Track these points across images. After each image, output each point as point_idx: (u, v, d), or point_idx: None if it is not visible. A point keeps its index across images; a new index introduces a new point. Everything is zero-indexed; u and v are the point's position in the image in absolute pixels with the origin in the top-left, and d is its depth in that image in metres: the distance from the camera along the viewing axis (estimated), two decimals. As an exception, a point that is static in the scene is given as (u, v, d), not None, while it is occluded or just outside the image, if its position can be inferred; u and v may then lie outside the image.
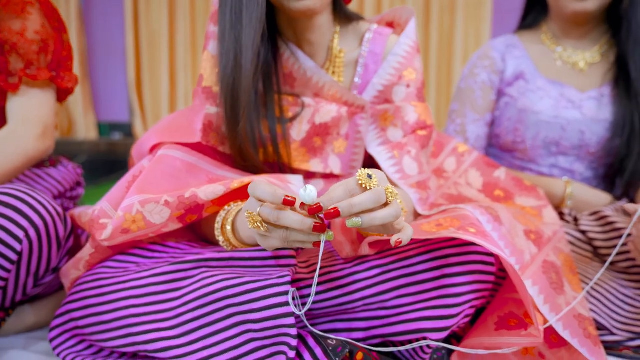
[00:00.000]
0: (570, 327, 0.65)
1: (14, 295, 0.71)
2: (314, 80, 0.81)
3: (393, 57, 0.82)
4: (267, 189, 0.49)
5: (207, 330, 0.60)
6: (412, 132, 0.81)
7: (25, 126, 0.79)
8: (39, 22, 0.86)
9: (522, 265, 0.69)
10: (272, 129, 0.78)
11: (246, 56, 0.71)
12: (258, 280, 0.59)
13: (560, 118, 1.01)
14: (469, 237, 0.60)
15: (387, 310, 0.65)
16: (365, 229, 0.57)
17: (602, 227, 0.87)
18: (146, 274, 0.64)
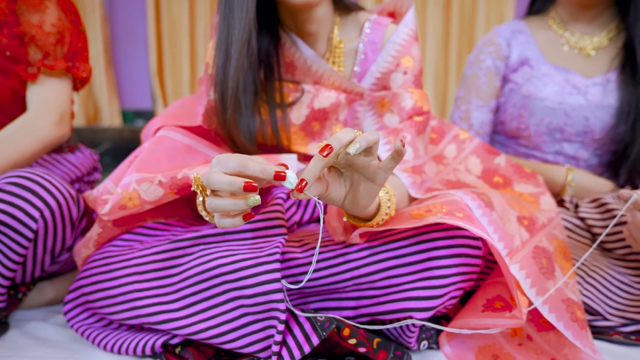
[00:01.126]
0: (557, 310, 0.67)
1: (32, 270, 0.77)
2: (313, 69, 0.83)
3: (391, 45, 0.83)
4: (258, 164, 0.49)
5: (205, 305, 0.65)
6: (408, 117, 0.83)
7: (42, 113, 0.83)
8: (56, 15, 0.91)
9: (511, 250, 0.71)
10: (272, 114, 0.81)
11: (235, 48, 0.73)
12: (250, 258, 0.63)
13: (565, 104, 1.01)
14: (455, 222, 0.62)
15: (376, 290, 0.68)
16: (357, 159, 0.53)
17: (601, 214, 0.87)
18: (148, 251, 0.69)
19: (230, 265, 0.63)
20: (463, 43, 2.90)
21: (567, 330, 0.65)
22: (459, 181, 0.91)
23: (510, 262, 0.68)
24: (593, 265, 0.84)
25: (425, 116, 0.84)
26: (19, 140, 0.79)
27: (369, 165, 0.53)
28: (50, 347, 0.71)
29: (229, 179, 0.47)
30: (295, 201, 0.79)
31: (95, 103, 3.43)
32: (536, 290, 0.67)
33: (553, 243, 0.78)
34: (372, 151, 0.52)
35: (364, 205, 0.57)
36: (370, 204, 0.58)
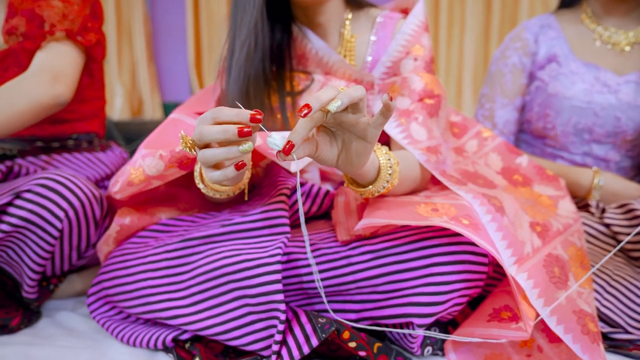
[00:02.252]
0: (566, 322, 0.65)
1: (61, 265, 0.82)
2: (324, 60, 0.86)
3: (401, 35, 0.86)
4: (232, 110, 0.49)
5: (212, 302, 0.67)
6: (419, 99, 0.82)
7: (36, 73, 0.84)
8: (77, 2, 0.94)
9: (520, 257, 0.69)
10: (282, 101, 0.84)
11: (243, 40, 0.78)
12: (253, 258, 0.65)
13: (594, 103, 0.96)
14: (458, 229, 0.62)
15: (379, 294, 0.68)
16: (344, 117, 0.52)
17: (628, 221, 0.84)
18: (161, 249, 0.73)
19: (234, 265, 0.66)
20: (504, 33, 2.79)
21: (576, 344, 0.63)
22: (476, 173, 0.88)
23: (517, 271, 0.67)
24: (616, 274, 0.81)
25: (437, 99, 0.83)
26: (6, 99, 0.79)
27: (358, 122, 0.52)
28: (75, 337, 0.76)
29: (222, 127, 0.48)
30: (304, 192, 0.80)
31: (139, 97, 3.57)
32: (544, 300, 0.65)
33: (569, 251, 0.75)
34: (358, 107, 0.51)
35: (358, 165, 0.56)
36: (364, 164, 0.57)
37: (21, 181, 0.76)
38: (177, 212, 0.81)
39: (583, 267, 0.75)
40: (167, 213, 0.80)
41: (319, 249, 0.71)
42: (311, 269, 0.69)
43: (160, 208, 0.80)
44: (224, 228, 0.71)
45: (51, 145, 1.01)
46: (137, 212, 0.79)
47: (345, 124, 0.53)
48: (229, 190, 0.66)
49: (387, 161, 0.65)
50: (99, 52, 0.98)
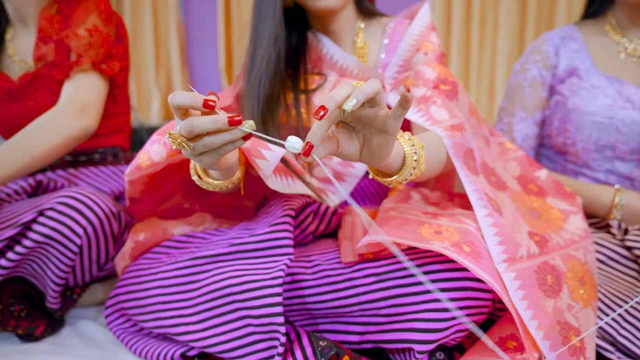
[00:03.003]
0: (547, 329, 0.62)
1: (82, 276, 0.87)
2: (339, 64, 0.92)
3: (409, 36, 0.91)
4: (185, 94, 0.48)
5: (218, 321, 0.70)
6: (434, 87, 0.84)
7: (64, 106, 0.90)
8: (92, 23, 0.99)
9: (512, 258, 0.67)
10: (296, 98, 0.89)
11: (263, 45, 0.84)
12: (256, 280, 0.67)
13: (616, 119, 0.93)
14: (457, 257, 0.61)
15: (381, 317, 0.68)
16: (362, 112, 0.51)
17: None
18: (172, 266, 0.75)
19: (239, 285, 0.67)
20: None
21: (552, 352, 0.61)
22: (493, 169, 0.85)
23: (506, 269, 0.65)
24: (637, 302, 0.77)
25: (452, 85, 0.85)
26: (39, 135, 0.85)
27: (377, 115, 0.51)
28: (93, 347, 0.80)
29: (213, 118, 0.48)
30: (312, 211, 0.81)
31: (173, 101, 3.68)
32: (527, 303, 0.63)
33: (569, 264, 0.73)
34: (375, 101, 0.50)
35: (381, 157, 0.55)
36: (388, 155, 0.56)
37: (45, 198, 0.81)
38: (190, 227, 0.84)
39: (582, 282, 0.72)
40: (179, 228, 0.83)
41: (322, 270, 0.72)
42: (315, 290, 0.70)
43: (172, 223, 0.83)
44: (231, 247, 0.73)
45: (79, 159, 1.07)
46: (150, 228, 0.82)
47: (364, 119, 0.51)
48: (222, 184, 0.66)
49: (412, 147, 0.63)
50: (122, 78, 1.03)
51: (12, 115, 1.05)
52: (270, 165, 0.65)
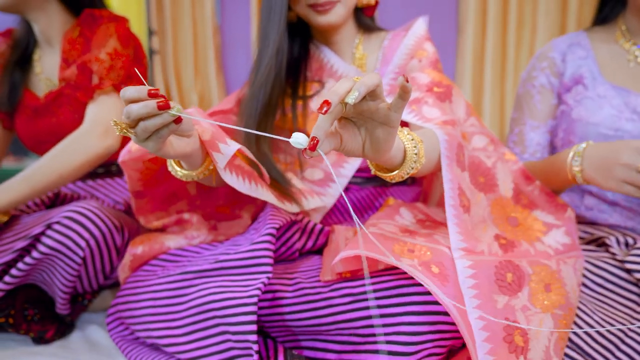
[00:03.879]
0: (490, 321, 0.62)
1: (89, 284, 0.93)
2: (339, 72, 0.98)
3: (404, 46, 0.97)
4: (133, 88, 0.52)
5: (201, 334, 0.73)
6: (427, 90, 0.87)
7: (89, 128, 0.96)
8: (113, 47, 1.05)
9: (470, 249, 0.68)
10: (294, 104, 0.95)
11: (264, 63, 0.88)
12: (234, 297, 0.69)
13: (622, 131, 0.88)
14: (421, 277, 0.61)
15: (358, 337, 0.69)
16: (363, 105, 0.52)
17: None
18: (163, 280, 0.79)
19: (220, 302, 0.70)
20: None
21: (487, 342, 0.60)
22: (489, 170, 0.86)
23: (462, 257, 0.66)
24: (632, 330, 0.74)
25: (446, 88, 0.88)
26: (67, 155, 0.92)
27: (378, 109, 0.52)
28: (96, 352, 0.85)
29: (143, 103, 0.51)
30: (299, 227, 0.83)
31: (209, 105, 3.79)
32: (476, 293, 0.63)
33: (536, 268, 0.72)
34: (376, 94, 0.51)
35: (383, 151, 0.56)
36: (390, 149, 0.57)
37: (56, 211, 0.87)
38: (186, 240, 0.88)
39: (548, 289, 0.71)
40: (175, 242, 0.87)
41: (302, 288, 0.73)
42: (294, 308, 0.72)
43: (169, 236, 0.87)
44: (216, 264, 0.76)
45: (97, 171, 1.14)
46: (148, 241, 0.86)
47: (366, 113, 0.53)
48: (192, 174, 0.69)
49: (411, 142, 0.64)
50: None
51: (37, 131, 1.13)
52: (224, 159, 0.67)
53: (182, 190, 0.90)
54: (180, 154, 0.61)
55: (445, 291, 0.61)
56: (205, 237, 0.89)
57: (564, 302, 0.71)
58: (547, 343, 0.64)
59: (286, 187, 0.83)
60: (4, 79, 1.13)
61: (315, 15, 0.91)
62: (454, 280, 0.64)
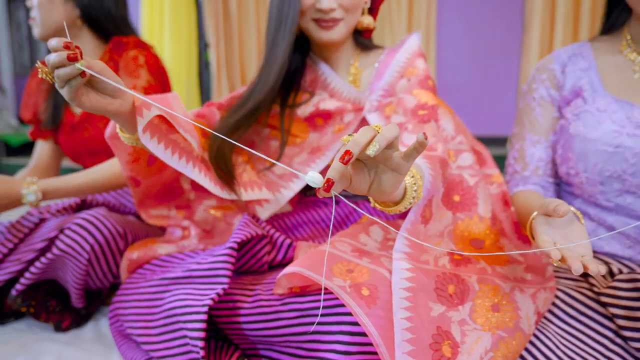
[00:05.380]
0: (419, 330, 0.62)
1: (101, 282, 1.04)
2: (331, 85, 1.02)
3: (395, 62, 1.00)
4: (55, 39, 0.59)
5: (169, 336, 0.80)
6: (411, 114, 0.91)
7: None
8: (146, 79, 1.18)
9: (411, 255, 0.70)
10: (282, 108, 1.01)
11: (274, 62, 0.95)
12: (192, 305, 0.76)
13: (623, 147, 0.81)
14: (346, 299, 0.64)
15: (303, 350, 0.72)
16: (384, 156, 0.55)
17: (632, 301, 0.70)
18: (147, 284, 0.88)
19: (182, 308, 0.77)
20: None
21: (407, 343, 0.60)
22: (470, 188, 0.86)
23: (400, 259, 0.69)
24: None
25: (431, 109, 0.90)
26: (111, 168, 1.06)
27: (392, 157, 0.55)
28: (100, 343, 0.97)
29: (57, 53, 0.59)
30: (269, 241, 0.88)
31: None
32: (411, 295, 0.64)
33: (485, 286, 0.71)
34: (393, 145, 0.53)
35: (389, 193, 0.59)
36: (395, 191, 0.60)
37: (70, 218, 1.00)
38: (176, 248, 0.96)
39: (495, 309, 0.69)
40: (166, 249, 0.96)
41: (260, 299, 0.78)
42: (249, 318, 0.77)
43: (161, 245, 0.96)
44: (186, 272, 0.83)
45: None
46: (143, 248, 0.96)
47: (379, 159, 0.55)
48: (131, 138, 0.77)
49: (411, 179, 0.67)
50: None
51: (74, 145, 1.29)
52: (143, 122, 0.72)
53: (178, 186, 0.98)
54: (99, 109, 0.68)
55: (370, 312, 0.63)
56: (195, 246, 0.96)
57: (512, 326, 0.69)
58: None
59: (227, 175, 0.88)
60: (49, 101, 1.30)
61: (318, 31, 0.96)
62: (381, 305, 0.64)
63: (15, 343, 0.96)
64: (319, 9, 0.93)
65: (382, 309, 0.64)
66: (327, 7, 0.93)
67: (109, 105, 0.69)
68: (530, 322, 0.72)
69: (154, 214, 0.99)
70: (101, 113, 0.69)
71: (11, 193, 0.96)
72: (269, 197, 0.94)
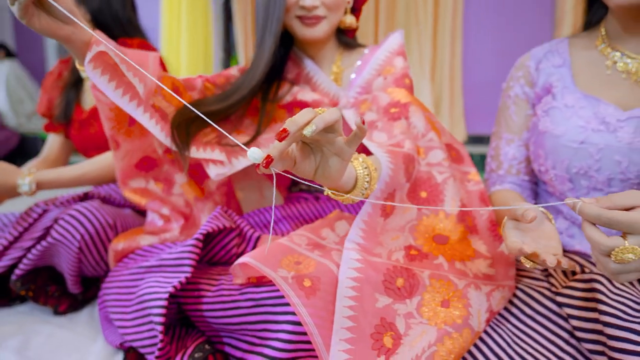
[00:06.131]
0: (362, 320, 0.64)
1: (95, 270, 1.11)
2: (314, 79, 1.06)
3: (374, 60, 1.03)
4: None
5: (140, 321, 0.85)
6: (383, 112, 0.93)
7: None
8: None
9: (367, 249, 0.72)
10: (263, 103, 1.03)
11: (261, 58, 0.98)
12: (157, 292, 0.80)
13: (587, 143, 0.79)
14: (285, 289, 0.66)
15: (257, 339, 0.75)
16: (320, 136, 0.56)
17: (585, 302, 0.69)
18: (127, 272, 0.94)
19: (150, 295, 0.82)
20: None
21: (345, 330, 0.62)
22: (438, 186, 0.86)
23: (351, 248, 0.70)
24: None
25: (402, 107, 0.92)
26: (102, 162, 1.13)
27: (334, 141, 0.57)
28: (91, 327, 1.03)
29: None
30: (237, 234, 0.91)
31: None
32: (358, 286, 0.66)
33: (436, 282, 0.71)
34: (334, 129, 0.55)
35: (334, 179, 0.60)
36: (340, 178, 0.61)
37: (65, 209, 1.07)
38: (158, 239, 1.01)
39: (445, 304, 0.69)
40: (148, 240, 1.01)
41: (221, 289, 0.81)
42: (211, 306, 0.80)
43: (143, 236, 1.02)
44: (158, 261, 0.88)
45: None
46: (127, 239, 1.02)
47: (322, 142, 0.57)
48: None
49: (364, 170, 0.69)
50: None
51: (82, 139, 1.38)
52: (90, 55, 0.76)
53: (157, 157, 1.01)
54: (49, 32, 0.72)
55: (308, 303, 0.65)
56: (177, 238, 1.01)
57: (461, 322, 0.69)
58: (420, 354, 0.64)
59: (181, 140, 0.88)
60: (62, 97, 1.39)
61: (302, 28, 0.99)
62: (322, 297, 0.66)
63: (14, 324, 1.04)
64: (302, 6, 0.97)
65: (322, 300, 0.66)
66: (309, 4, 0.96)
67: (59, 30, 0.73)
68: (481, 319, 0.72)
69: (134, 185, 1.02)
70: (51, 37, 0.73)
71: (7, 182, 1.04)
72: (222, 159, 0.92)
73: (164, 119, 0.89)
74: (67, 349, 0.94)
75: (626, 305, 0.64)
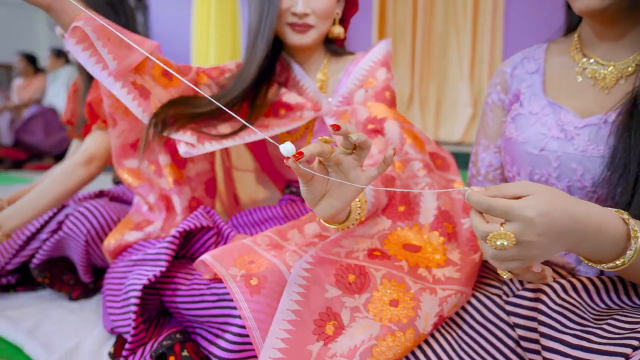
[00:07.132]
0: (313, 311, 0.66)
1: (103, 262, 1.22)
2: (300, 83, 1.11)
3: (358, 70, 1.07)
4: None
5: (126, 310, 0.94)
6: (362, 127, 0.97)
7: (77, 157, 1.18)
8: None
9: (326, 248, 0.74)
10: (251, 108, 1.05)
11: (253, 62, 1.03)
12: (138, 284, 0.88)
13: (546, 150, 0.77)
14: (231, 286, 0.71)
15: (220, 332, 0.80)
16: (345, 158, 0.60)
17: (529, 311, 0.68)
18: (121, 264, 1.03)
19: (132, 286, 0.90)
20: None
21: (290, 312, 0.65)
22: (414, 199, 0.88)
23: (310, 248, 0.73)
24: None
25: (378, 123, 0.95)
26: (62, 182, 1.13)
27: (355, 169, 0.60)
28: (96, 314, 1.14)
29: None
30: (215, 232, 0.97)
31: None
32: (309, 276, 0.69)
33: (389, 283, 0.72)
34: (362, 155, 0.59)
35: (337, 209, 0.62)
36: (343, 210, 0.63)
37: (75, 206, 1.18)
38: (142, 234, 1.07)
39: (394, 304, 0.70)
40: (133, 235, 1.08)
41: (194, 284, 0.87)
42: (183, 299, 0.87)
43: (130, 232, 1.09)
44: (143, 256, 0.96)
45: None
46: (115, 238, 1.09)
47: (343, 167, 0.60)
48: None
49: (356, 202, 0.73)
50: None
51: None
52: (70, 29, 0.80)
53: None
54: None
55: (251, 299, 0.69)
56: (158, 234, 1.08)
57: (406, 322, 0.69)
58: (358, 345, 0.65)
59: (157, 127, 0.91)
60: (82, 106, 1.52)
61: (292, 34, 1.04)
62: (267, 294, 0.70)
63: (33, 307, 1.17)
64: (294, 13, 1.02)
65: (266, 297, 0.70)
66: (301, 11, 1.01)
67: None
68: (428, 322, 0.72)
69: (128, 165, 1.09)
70: (32, 3, 0.78)
71: None
72: (192, 142, 0.94)
73: (143, 95, 0.93)
74: (71, 332, 1.05)
75: (565, 317, 0.63)
